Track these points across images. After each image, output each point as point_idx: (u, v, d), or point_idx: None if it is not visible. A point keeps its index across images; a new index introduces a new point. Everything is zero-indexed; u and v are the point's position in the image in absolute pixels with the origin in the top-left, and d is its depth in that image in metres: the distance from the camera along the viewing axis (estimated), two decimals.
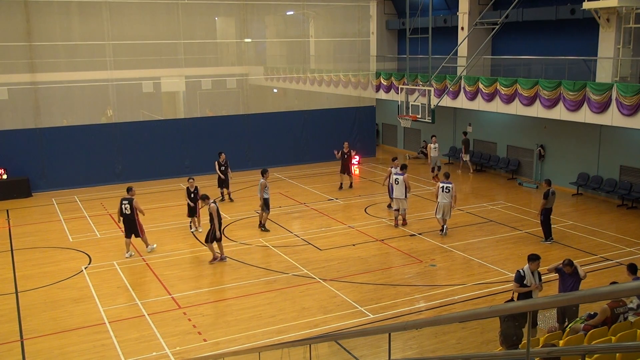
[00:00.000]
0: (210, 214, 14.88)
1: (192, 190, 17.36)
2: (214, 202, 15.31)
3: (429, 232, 17.19)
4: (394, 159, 18.94)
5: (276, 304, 12.77)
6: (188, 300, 13.05)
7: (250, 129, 26.68)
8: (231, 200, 21.31)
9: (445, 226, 16.90)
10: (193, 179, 17.62)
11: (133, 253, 15.82)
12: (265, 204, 17.66)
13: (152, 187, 23.67)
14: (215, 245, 15.20)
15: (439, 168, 23.77)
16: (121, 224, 16.07)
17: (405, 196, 17.65)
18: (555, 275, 11.30)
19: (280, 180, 24.54)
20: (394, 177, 17.77)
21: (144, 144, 24.79)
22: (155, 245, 16.26)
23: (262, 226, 17.86)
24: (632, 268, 10.45)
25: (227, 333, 11.54)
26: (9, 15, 22.91)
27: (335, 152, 22.80)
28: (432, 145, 23.92)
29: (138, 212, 15.52)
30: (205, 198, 15.31)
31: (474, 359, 6.85)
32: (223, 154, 21.05)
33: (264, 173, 17.91)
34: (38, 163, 23.13)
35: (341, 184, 22.74)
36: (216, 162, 20.82)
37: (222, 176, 20.77)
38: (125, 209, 15.43)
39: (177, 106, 28.73)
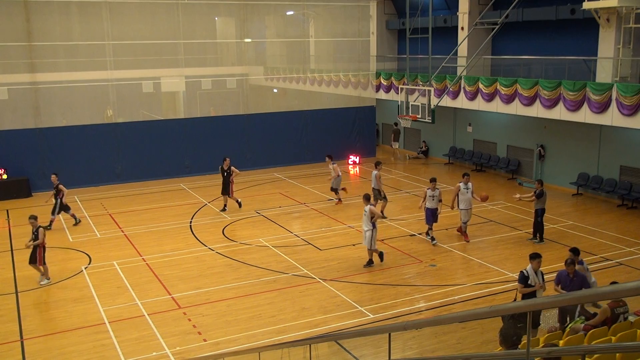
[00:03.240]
0: (35, 234, 13.78)
1: (34, 230, 14.12)
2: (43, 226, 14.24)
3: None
4: (465, 175, 16.66)
5: (276, 304, 12.77)
6: (188, 300, 13.05)
7: (250, 129, 26.68)
8: (76, 222, 18.79)
9: (370, 259, 14.85)
10: (35, 218, 14.26)
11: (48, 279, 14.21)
12: (380, 194, 18.26)
13: (152, 187, 23.67)
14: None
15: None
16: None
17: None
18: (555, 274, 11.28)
19: (280, 180, 24.54)
20: (463, 190, 16.39)
21: (144, 144, 24.79)
22: (48, 280, 14.24)
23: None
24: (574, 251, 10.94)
25: (227, 333, 11.54)
26: (9, 15, 22.91)
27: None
28: (331, 165, 20.31)
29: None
30: (32, 218, 14.07)
31: (474, 359, 6.85)
32: (54, 174, 18.88)
33: (377, 165, 18.53)
34: (38, 163, 23.13)
35: (224, 205, 19.87)
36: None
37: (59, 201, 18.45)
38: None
39: (177, 106, 28.74)
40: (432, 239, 16.32)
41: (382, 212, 18.14)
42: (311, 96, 29.40)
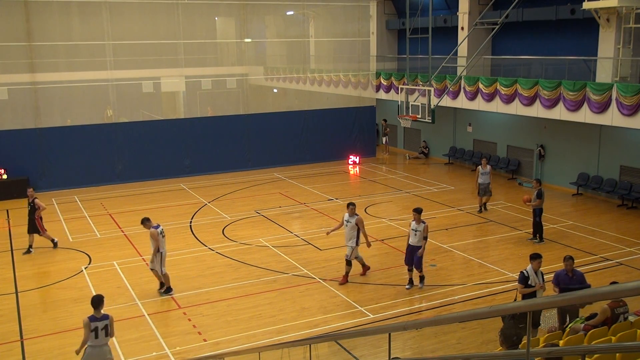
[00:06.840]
0: None
1: None
2: None
3: (429, 233, 17.14)
4: (349, 205, 13.65)
5: (276, 304, 12.77)
6: (188, 300, 13.05)
7: (250, 129, 26.68)
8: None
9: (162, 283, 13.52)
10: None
11: None
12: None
13: (152, 187, 23.67)
14: None
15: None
16: None
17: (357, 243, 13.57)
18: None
19: (280, 180, 24.54)
20: (345, 221, 13.60)
21: (144, 144, 24.78)
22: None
23: (484, 207, 19.44)
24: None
25: (227, 333, 11.53)
26: (9, 15, 22.91)
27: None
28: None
29: None
30: None
31: (474, 359, 6.85)
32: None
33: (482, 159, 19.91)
34: (38, 163, 23.13)
35: (53, 240, 16.64)
36: None
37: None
38: None
39: (177, 106, 28.74)
40: (410, 281, 13.31)
41: (484, 204, 19.35)
42: (311, 96, 29.40)
